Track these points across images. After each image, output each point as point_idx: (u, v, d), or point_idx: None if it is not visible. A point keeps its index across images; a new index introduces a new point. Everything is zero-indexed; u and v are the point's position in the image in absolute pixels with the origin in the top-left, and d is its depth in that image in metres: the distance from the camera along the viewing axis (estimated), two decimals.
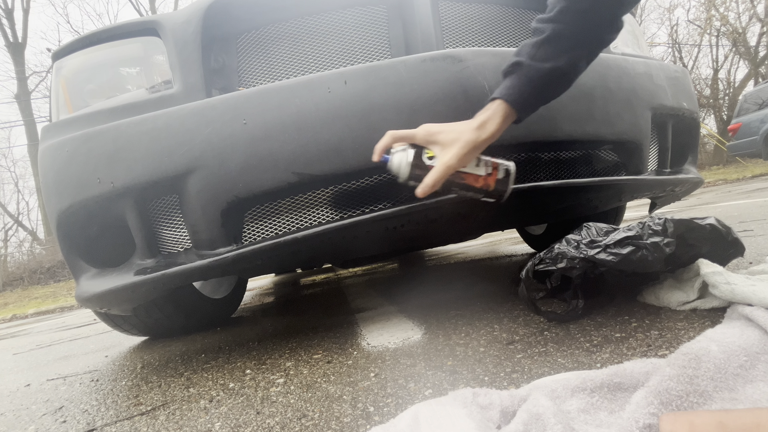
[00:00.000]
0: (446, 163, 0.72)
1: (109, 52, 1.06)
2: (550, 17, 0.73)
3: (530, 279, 0.89)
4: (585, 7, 0.71)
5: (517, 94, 0.73)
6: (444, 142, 0.73)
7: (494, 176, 0.77)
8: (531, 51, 0.73)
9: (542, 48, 0.73)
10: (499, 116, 0.73)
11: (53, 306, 6.22)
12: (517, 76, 0.74)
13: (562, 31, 0.72)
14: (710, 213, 2.49)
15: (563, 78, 0.75)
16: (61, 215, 0.95)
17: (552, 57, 0.72)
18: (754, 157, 8.23)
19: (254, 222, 0.93)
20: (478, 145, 0.73)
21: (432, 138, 0.74)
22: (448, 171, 0.73)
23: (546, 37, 0.72)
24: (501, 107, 0.74)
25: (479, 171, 0.77)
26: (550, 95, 0.77)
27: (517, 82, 0.73)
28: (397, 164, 0.76)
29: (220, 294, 1.69)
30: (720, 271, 0.74)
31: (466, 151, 0.72)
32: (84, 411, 0.90)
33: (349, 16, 1.05)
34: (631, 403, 0.47)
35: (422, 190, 0.74)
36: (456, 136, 0.73)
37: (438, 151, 0.74)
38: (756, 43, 14.87)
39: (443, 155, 0.73)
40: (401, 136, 0.76)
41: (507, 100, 0.73)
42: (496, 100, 0.74)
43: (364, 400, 0.67)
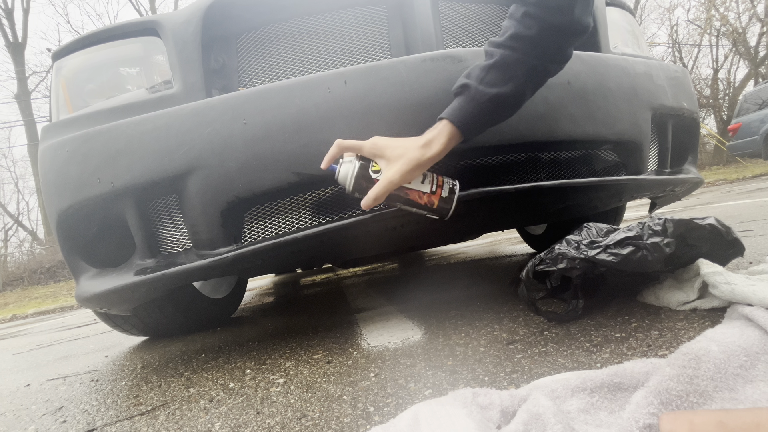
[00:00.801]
0: (389, 178, 0.74)
1: (109, 52, 1.06)
2: (501, 42, 0.74)
3: (530, 279, 0.89)
4: (533, 33, 0.72)
5: (463, 116, 0.75)
6: (390, 157, 0.75)
7: (438, 194, 0.78)
8: (480, 74, 0.75)
9: (490, 73, 0.74)
10: (444, 136, 0.75)
11: (53, 306, 6.22)
12: (464, 98, 0.75)
13: (509, 58, 0.73)
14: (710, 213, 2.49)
15: (507, 104, 0.77)
16: (61, 215, 0.95)
17: (498, 83, 0.74)
18: (754, 157, 8.24)
19: (254, 222, 0.93)
20: (422, 163, 0.74)
21: (379, 152, 0.76)
22: (390, 186, 0.74)
23: (494, 62, 0.74)
24: (447, 128, 0.75)
25: (424, 188, 0.78)
26: (496, 119, 0.78)
27: (464, 104, 0.75)
28: (344, 175, 0.77)
29: (220, 294, 1.69)
30: (720, 271, 0.74)
31: (410, 168, 0.74)
32: (84, 411, 0.90)
33: (349, 16, 1.05)
34: (631, 403, 0.47)
35: (365, 203, 0.75)
36: (402, 152, 0.74)
37: (384, 165, 0.75)
38: (756, 43, 14.87)
39: (387, 170, 0.74)
40: (349, 147, 0.77)
41: (453, 121, 0.75)
42: (443, 120, 0.76)
43: (364, 400, 0.67)
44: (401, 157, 0.74)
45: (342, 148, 0.77)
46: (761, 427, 0.24)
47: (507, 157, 0.97)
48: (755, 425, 0.24)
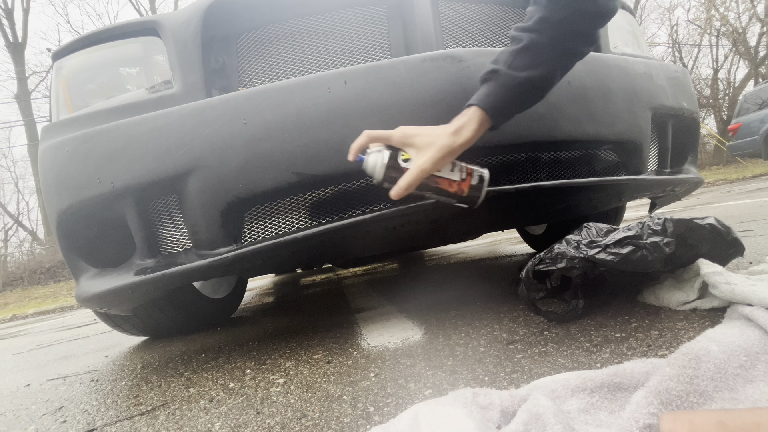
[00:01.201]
0: (420, 166, 0.73)
1: (109, 52, 1.06)
2: (528, 26, 0.74)
3: (530, 279, 0.89)
4: (561, 17, 0.72)
5: (493, 102, 0.74)
6: (420, 146, 0.74)
7: (468, 182, 0.77)
8: (508, 59, 0.74)
9: (519, 57, 0.73)
10: (474, 122, 0.74)
11: (53, 306, 6.22)
12: (493, 84, 0.74)
13: (539, 41, 0.73)
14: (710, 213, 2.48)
15: (537, 88, 0.76)
16: (61, 215, 0.95)
17: (528, 66, 0.73)
18: (754, 157, 8.23)
19: (254, 222, 0.93)
20: (453, 150, 0.73)
21: (408, 140, 0.75)
22: (422, 174, 0.73)
23: (523, 46, 0.73)
24: (477, 114, 0.74)
25: (453, 176, 0.77)
26: (526, 104, 0.78)
27: (494, 89, 0.74)
28: (372, 165, 0.76)
29: (220, 294, 1.69)
30: (720, 271, 0.74)
31: (441, 155, 0.73)
32: (84, 411, 0.90)
33: (349, 16, 1.05)
34: (631, 403, 0.47)
35: (396, 192, 0.74)
36: (432, 140, 0.73)
37: (413, 154, 0.74)
38: (756, 43, 14.87)
39: (418, 158, 0.73)
40: (377, 137, 0.76)
41: (483, 107, 0.74)
42: (472, 107, 0.75)
43: (364, 400, 0.67)
44: (432, 144, 0.73)
45: (370, 138, 0.76)
46: (761, 426, 0.24)
47: (507, 157, 0.97)
48: (755, 425, 0.24)
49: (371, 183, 0.93)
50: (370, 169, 0.77)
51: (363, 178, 0.91)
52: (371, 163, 0.76)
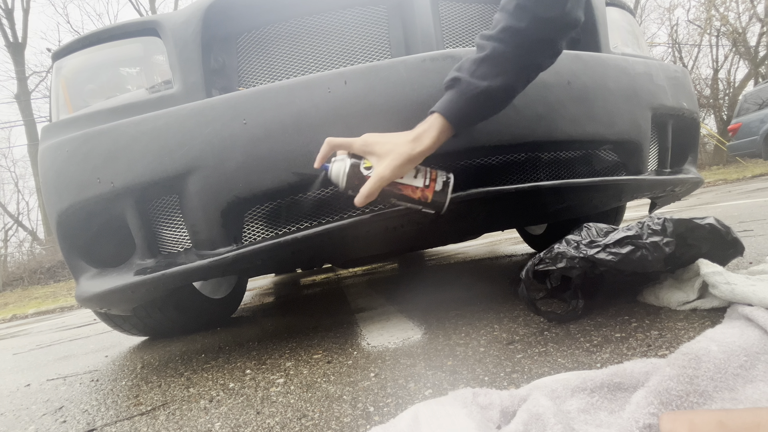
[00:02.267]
0: (380, 174, 0.73)
1: (109, 52, 1.06)
2: (492, 35, 0.74)
3: (530, 279, 0.89)
4: (525, 27, 0.71)
5: (454, 110, 0.74)
6: (380, 153, 0.74)
7: (432, 188, 0.77)
8: (471, 67, 0.74)
9: (482, 66, 0.73)
10: (435, 129, 0.74)
11: (53, 306, 6.22)
12: (455, 92, 0.74)
13: (502, 51, 0.73)
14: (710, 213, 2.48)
15: (498, 98, 0.76)
16: (61, 215, 0.95)
17: (489, 76, 0.73)
18: (754, 157, 8.23)
19: (254, 222, 0.93)
20: (413, 158, 0.74)
21: (369, 148, 0.75)
22: (381, 182, 0.74)
23: (486, 55, 0.73)
24: (438, 121, 0.75)
25: (417, 182, 0.77)
26: (486, 113, 0.78)
27: (455, 97, 0.74)
28: (336, 173, 0.77)
29: (220, 294, 1.69)
30: (720, 271, 0.74)
31: (400, 162, 0.73)
32: (84, 411, 0.90)
33: (349, 16, 1.05)
34: (631, 403, 0.47)
35: (358, 200, 0.75)
36: (391, 147, 0.74)
37: (375, 161, 0.75)
38: (756, 43, 14.87)
39: (378, 166, 0.74)
40: (339, 144, 0.77)
41: (444, 114, 0.74)
42: (434, 114, 0.75)
43: (364, 400, 0.67)
44: (391, 152, 0.74)
45: (333, 146, 0.77)
46: (761, 426, 0.24)
47: (507, 157, 0.97)
48: (755, 425, 0.24)
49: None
50: (334, 177, 0.78)
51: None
52: (335, 171, 0.77)
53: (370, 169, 0.76)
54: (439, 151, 0.86)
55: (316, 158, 0.78)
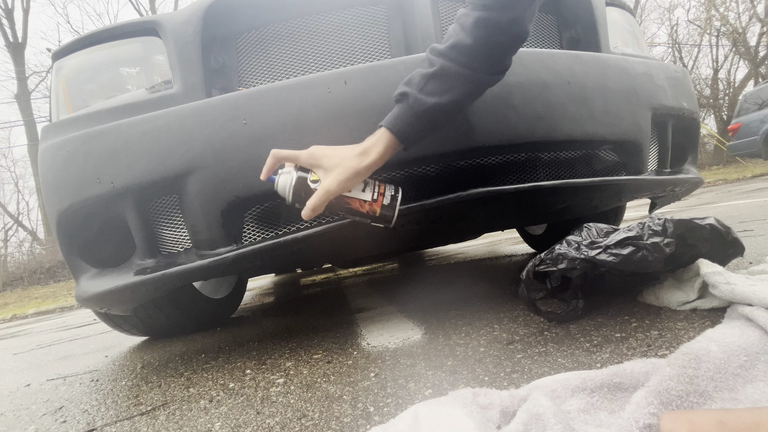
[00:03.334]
0: (326, 188, 0.73)
1: (109, 52, 1.06)
2: (441, 51, 0.74)
3: (530, 279, 0.89)
4: (472, 44, 0.71)
5: (401, 125, 0.74)
6: (327, 167, 0.74)
7: (380, 202, 0.77)
8: (420, 83, 0.74)
9: (430, 82, 0.73)
10: (382, 144, 0.74)
11: (53, 306, 6.22)
12: (403, 107, 0.74)
13: (449, 69, 0.73)
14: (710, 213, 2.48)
15: (445, 114, 0.76)
16: (61, 215, 0.95)
17: (437, 93, 0.73)
18: (754, 157, 8.24)
19: (254, 222, 0.93)
20: (360, 172, 0.73)
21: (315, 161, 0.75)
22: (327, 196, 0.73)
23: (434, 72, 0.73)
24: (385, 135, 0.74)
25: (365, 196, 0.76)
26: (434, 128, 0.77)
27: (402, 113, 0.74)
28: (282, 186, 0.76)
29: (220, 294, 1.69)
30: (720, 271, 0.74)
31: (347, 176, 0.73)
32: (84, 411, 0.90)
33: (349, 16, 1.05)
34: (631, 403, 0.47)
35: (305, 214, 0.74)
36: (338, 161, 0.73)
37: (322, 175, 0.74)
38: (756, 43, 14.87)
39: (325, 180, 0.73)
40: (285, 156, 0.76)
41: (391, 129, 0.74)
42: (381, 128, 0.75)
43: (364, 400, 0.67)
44: (338, 166, 0.73)
45: (278, 158, 0.76)
46: (761, 426, 0.24)
47: (507, 157, 0.97)
48: (755, 425, 0.24)
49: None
50: (280, 190, 0.76)
51: None
52: (281, 184, 0.76)
53: (317, 183, 0.75)
54: (438, 152, 0.86)
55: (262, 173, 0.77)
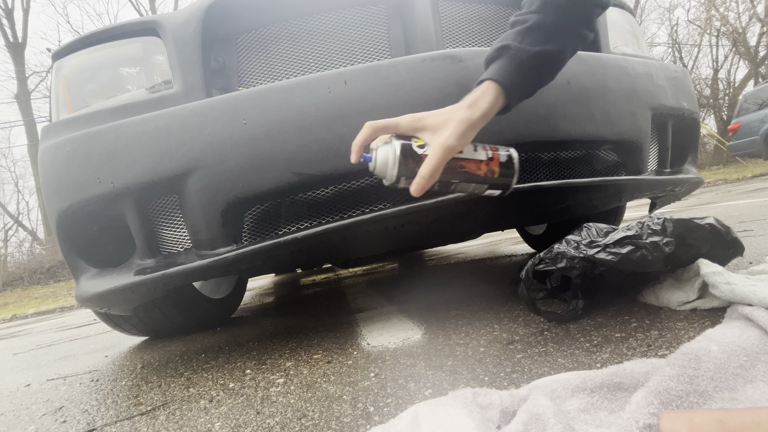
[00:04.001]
0: (443, 143, 0.63)
1: (109, 52, 1.06)
2: (532, 9, 0.72)
3: (530, 279, 0.89)
4: (562, 2, 0.71)
5: (507, 74, 0.68)
6: (434, 125, 0.65)
7: (497, 160, 0.68)
8: (517, 37, 0.70)
9: (528, 35, 0.70)
10: (489, 95, 0.68)
11: (53, 306, 6.22)
12: (505, 59, 0.69)
13: (545, 21, 0.71)
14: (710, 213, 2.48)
15: (550, 63, 0.72)
16: (61, 215, 0.95)
17: (539, 42, 0.70)
18: (754, 157, 8.23)
19: (254, 222, 0.93)
20: (474, 123, 0.65)
21: (419, 124, 0.66)
22: (446, 153, 0.63)
23: (530, 25, 0.71)
24: (490, 87, 0.68)
25: (479, 155, 0.67)
26: (538, 81, 0.73)
27: (506, 63, 0.69)
28: (383, 160, 0.64)
29: (220, 294, 1.69)
30: (720, 271, 0.74)
31: (463, 129, 0.64)
32: (84, 411, 0.90)
33: (349, 16, 1.05)
34: (631, 403, 0.47)
35: (419, 183, 0.63)
36: (446, 117, 0.65)
37: (428, 137, 0.65)
38: (756, 43, 14.87)
39: (438, 137, 0.64)
40: (383, 126, 0.66)
41: (497, 79, 0.68)
42: (483, 82, 0.69)
43: (364, 400, 0.67)
44: (447, 121, 0.64)
45: (376, 129, 0.66)
46: (761, 426, 0.24)
47: None
48: (755, 424, 0.24)
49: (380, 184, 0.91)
50: (380, 165, 0.65)
51: (363, 179, 0.91)
52: (381, 158, 0.65)
53: (425, 147, 0.64)
54: None
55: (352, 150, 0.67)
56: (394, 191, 0.93)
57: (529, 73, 0.70)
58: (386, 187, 0.91)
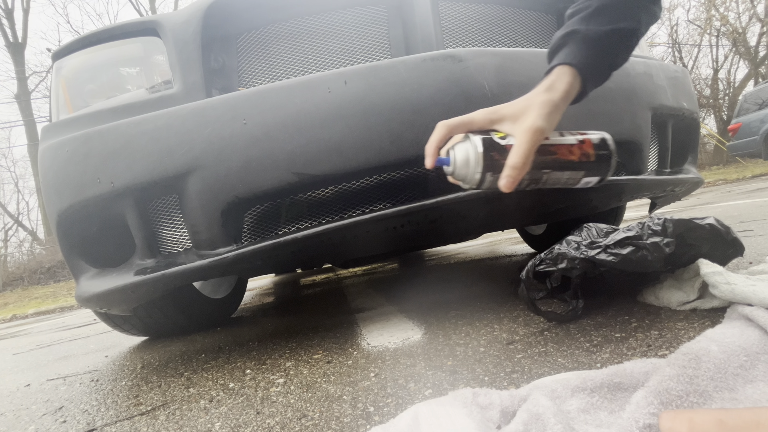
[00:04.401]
0: (532, 126, 0.57)
1: (109, 52, 1.06)
2: None
3: (530, 279, 0.89)
4: None
5: (579, 57, 0.62)
6: (513, 114, 0.60)
7: (588, 142, 0.62)
8: (583, 22, 0.64)
9: (594, 17, 0.64)
10: (565, 77, 0.62)
11: (53, 306, 6.22)
12: (574, 43, 0.63)
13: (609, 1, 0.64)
14: (710, 213, 2.49)
15: (626, 41, 0.65)
16: (61, 215, 0.95)
17: (609, 22, 0.63)
18: (754, 157, 8.24)
19: (254, 222, 0.93)
20: (557, 104, 0.60)
21: (495, 116, 0.61)
22: (536, 136, 0.57)
23: (595, 8, 0.64)
24: (563, 70, 0.62)
25: (569, 139, 0.61)
26: (613, 61, 0.66)
27: (575, 47, 0.63)
28: (463, 158, 0.58)
29: (220, 294, 1.70)
30: (720, 271, 0.74)
31: (548, 109, 0.59)
32: (84, 411, 0.90)
33: (349, 16, 1.05)
34: (631, 403, 0.47)
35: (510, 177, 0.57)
36: (525, 103, 0.60)
37: (509, 126, 0.59)
38: (756, 43, 14.87)
39: (522, 123, 0.58)
40: (457, 124, 0.61)
41: (569, 62, 0.62)
42: (553, 69, 0.63)
43: (364, 400, 0.67)
44: (529, 106, 0.59)
45: (450, 127, 0.61)
46: (761, 425, 0.24)
47: None
48: (755, 424, 0.24)
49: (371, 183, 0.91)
50: (461, 165, 0.59)
51: (363, 179, 0.91)
52: (461, 157, 0.58)
53: (507, 138, 0.58)
54: None
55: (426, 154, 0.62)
56: (394, 192, 0.93)
57: (602, 54, 0.64)
58: (386, 188, 0.91)
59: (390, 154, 0.84)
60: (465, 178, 0.59)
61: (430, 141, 0.61)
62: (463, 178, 0.60)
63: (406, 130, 0.83)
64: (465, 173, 0.59)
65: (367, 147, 0.83)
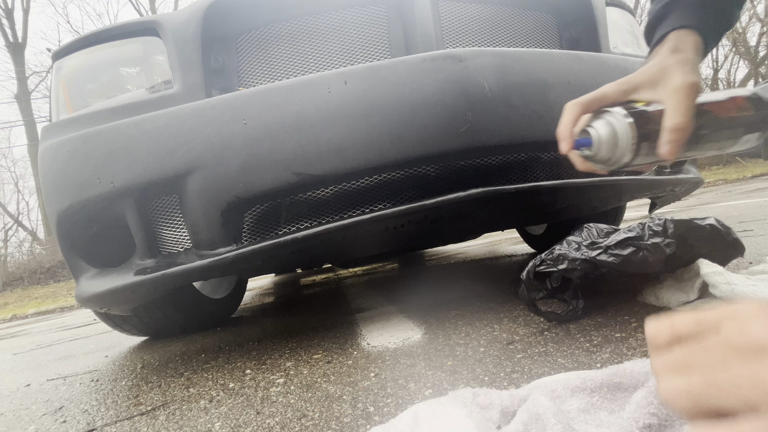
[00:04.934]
0: (684, 81, 0.51)
1: (109, 52, 1.06)
2: None
3: (531, 279, 0.89)
4: None
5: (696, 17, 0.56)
6: (650, 79, 0.54)
7: (741, 97, 0.56)
8: None
9: None
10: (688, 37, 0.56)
11: (53, 306, 6.22)
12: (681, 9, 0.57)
13: None
14: (710, 213, 2.49)
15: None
16: (61, 215, 0.95)
17: None
18: (754, 157, 8.23)
19: (254, 222, 0.93)
20: (694, 61, 0.55)
21: (629, 85, 0.56)
22: (692, 90, 0.51)
23: None
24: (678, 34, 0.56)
25: (718, 96, 0.56)
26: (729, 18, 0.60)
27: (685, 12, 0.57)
28: (609, 134, 0.52)
29: (220, 294, 1.69)
30: (720, 271, 0.74)
31: (689, 66, 0.53)
32: (84, 411, 0.90)
33: (349, 16, 1.05)
34: (631, 403, 0.47)
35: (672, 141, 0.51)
36: (659, 66, 0.55)
37: (649, 92, 0.54)
38: (756, 43, 14.87)
39: (669, 82, 0.52)
40: (590, 100, 0.56)
41: (688, 24, 0.56)
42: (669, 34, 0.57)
43: (364, 400, 0.67)
44: (666, 66, 0.54)
45: (583, 104, 0.56)
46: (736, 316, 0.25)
47: (507, 157, 0.97)
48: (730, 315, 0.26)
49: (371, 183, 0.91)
50: (607, 141, 0.53)
51: (362, 179, 0.91)
52: (606, 132, 0.52)
53: (653, 104, 0.53)
54: (438, 151, 0.86)
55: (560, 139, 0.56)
56: (394, 191, 0.92)
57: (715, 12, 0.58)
58: (386, 187, 0.91)
59: (390, 154, 0.84)
60: (612, 155, 0.53)
61: (562, 123, 0.56)
62: (608, 157, 0.54)
63: (406, 130, 0.83)
64: (613, 148, 0.53)
65: (367, 147, 0.82)
